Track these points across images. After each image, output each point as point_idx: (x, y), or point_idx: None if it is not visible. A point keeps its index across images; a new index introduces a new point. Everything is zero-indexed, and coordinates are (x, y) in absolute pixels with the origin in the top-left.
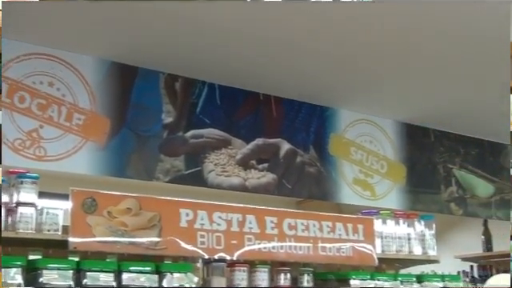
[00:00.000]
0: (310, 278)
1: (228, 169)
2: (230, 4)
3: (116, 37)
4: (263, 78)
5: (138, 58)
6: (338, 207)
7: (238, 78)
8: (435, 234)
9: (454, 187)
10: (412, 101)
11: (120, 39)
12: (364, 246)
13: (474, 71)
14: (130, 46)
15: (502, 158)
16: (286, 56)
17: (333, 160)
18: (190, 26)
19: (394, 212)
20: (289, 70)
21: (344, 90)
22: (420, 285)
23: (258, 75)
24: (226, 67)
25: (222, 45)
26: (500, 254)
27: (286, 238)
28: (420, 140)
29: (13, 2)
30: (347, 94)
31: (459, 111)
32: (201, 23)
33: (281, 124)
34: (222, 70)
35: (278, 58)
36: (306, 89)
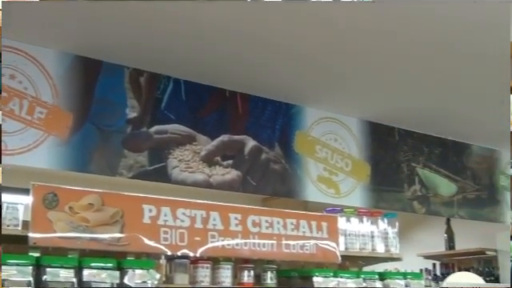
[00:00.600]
0: (274, 275)
1: (192, 165)
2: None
3: (79, 30)
4: (229, 75)
5: (102, 51)
6: (305, 204)
7: (204, 74)
8: (398, 232)
9: (418, 186)
10: (377, 100)
11: (83, 33)
12: (328, 243)
13: (438, 72)
14: (93, 40)
15: (464, 158)
16: (252, 53)
17: (298, 157)
18: (156, 21)
19: (358, 210)
20: (255, 68)
21: (310, 88)
22: (382, 282)
23: (225, 72)
24: (191, 63)
25: (187, 40)
26: (462, 252)
27: (250, 235)
28: (384, 139)
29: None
30: (313, 92)
31: (424, 111)
32: (166, 17)
33: (246, 121)
34: (187, 65)
35: (245, 55)
36: (272, 86)
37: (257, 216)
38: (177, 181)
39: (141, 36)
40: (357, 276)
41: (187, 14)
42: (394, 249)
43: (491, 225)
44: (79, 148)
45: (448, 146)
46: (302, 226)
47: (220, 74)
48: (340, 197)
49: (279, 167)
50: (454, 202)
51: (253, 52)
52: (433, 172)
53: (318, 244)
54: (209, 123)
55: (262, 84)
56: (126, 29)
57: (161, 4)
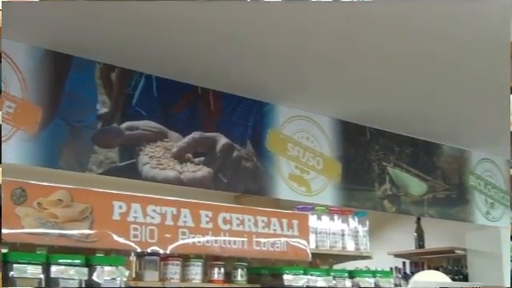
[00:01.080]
0: (244, 272)
1: (163, 162)
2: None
3: (50, 25)
4: (202, 72)
5: (73, 46)
6: (277, 202)
7: (177, 70)
8: (369, 230)
9: (388, 185)
10: (349, 99)
11: (54, 27)
12: (298, 241)
13: (410, 72)
14: (64, 35)
15: (435, 158)
16: (226, 51)
17: (269, 155)
18: (128, 16)
19: (329, 208)
20: (228, 65)
21: (282, 87)
22: (352, 280)
23: (197, 69)
24: (164, 59)
25: (160, 36)
26: (432, 251)
27: (221, 232)
28: (356, 138)
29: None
30: (285, 91)
31: (395, 110)
32: (138, 13)
33: (218, 118)
34: (159, 62)
35: (218, 53)
36: (245, 84)
37: (228, 213)
38: (147, 177)
39: (112, 31)
40: (327, 274)
41: (160, 10)
42: (364, 247)
43: (460, 224)
44: (48, 143)
45: (419, 146)
46: (272, 224)
47: (192, 71)
48: (311, 195)
49: (251, 165)
50: (424, 201)
51: (226, 50)
52: (403, 171)
53: (289, 242)
54: (180, 120)
55: (235, 82)
56: (97, 24)
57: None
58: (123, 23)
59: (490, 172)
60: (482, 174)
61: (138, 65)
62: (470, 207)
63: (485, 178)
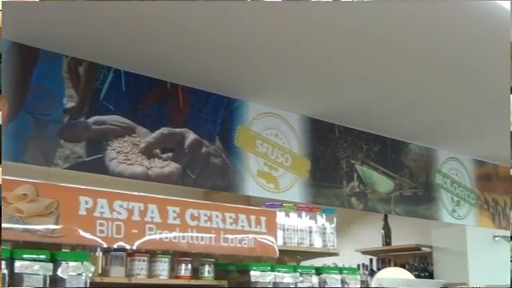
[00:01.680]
0: (211, 268)
1: (131, 157)
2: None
3: (16, 17)
4: (171, 67)
5: (40, 39)
6: (247, 199)
7: (145, 65)
8: (337, 227)
9: (356, 182)
10: (318, 96)
11: (20, 19)
12: (266, 237)
13: (379, 71)
14: (31, 27)
15: (402, 156)
16: (195, 46)
17: (238, 152)
18: (96, 9)
19: (297, 205)
20: (197, 61)
21: (252, 83)
22: (319, 277)
23: (166, 64)
24: (133, 54)
25: (129, 31)
26: (398, 248)
27: (188, 228)
28: (325, 135)
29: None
30: (255, 87)
31: (364, 109)
32: (107, 7)
33: (187, 114)
34: (128, 56)
35: (187, 48)
36: (214, 80)
37: (195, 210)
38: (114, 172)
39: (80, 24)
40: (294, 270)
41: (128, 4)
42: (331, 244)
43: (427, 222)
44: (13, 137)
45: (387, 144)
46: (240, 220)
47: (161, 66)
48: (279, 192)
49: (219, 161)
50: (391, 199)
51: (195, 45)
52: (371, 169)
53: (257, 238)
54: (149, 115)
55: (204, 77)
56: (65, 16)
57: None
58: (91, 17)
59: (457, 170)
60: (449, 172)
61: (107, 59)
62: (437, 205)
63: (451, 176)
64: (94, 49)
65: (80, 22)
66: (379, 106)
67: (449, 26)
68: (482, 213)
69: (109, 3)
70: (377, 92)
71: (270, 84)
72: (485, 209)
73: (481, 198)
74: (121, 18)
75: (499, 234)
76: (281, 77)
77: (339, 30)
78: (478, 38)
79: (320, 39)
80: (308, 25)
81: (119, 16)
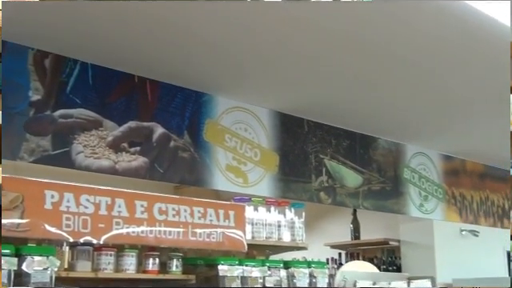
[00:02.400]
0: (179, 263)
1: (98, 151)
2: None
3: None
4: (139, 61)
5: (5, 31)
6: (217, 193)
7: (113, 58)
8: (306, 222)
9: (325, 177)
10: (287, 91)
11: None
12: (234, 232)
13: (346, 66)
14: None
15: (371, 151)
16: (163, 40)
17: (207, 146)
18: (62, 1)
19: (266, 199)
20: (166, 54)
21: (221, 78)
22: (287, 271)
23: (134, 57)
24: (100, 47)
25: (96, 23)
26: (367, 242)
27: (156, 222)
28: (294, 130)
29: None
30: (224, 81)
31: (333, 103)
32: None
33: (155, 108)
34: (95, 49)
35: (156, 41)
36: (183, 74)
37: (163, 204)
38: (81, 166)
39: (46, 17)
40: (262, 264)
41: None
42: (300, 238)
43: (395, 216)
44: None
45: (355, 139)
46: (209, 215)
47: (129, 60)
48: (248, 186)
49: (188, 155)
50: (360, 194)
51: (164, 38)
52: (340, 164)
53: (225, 232)
54: (116, 109)
55: (173, 71)
56: (31, 9)
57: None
58: (57, 9)
59: (424, 165)
60: (417, 167)
61: (73, 52)
62: (404, 200)
63: (419, 171)
64: (60, 41)
65: (45, 14)
66: (348, 101)
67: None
68: (450, 207)
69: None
70: (346, 87)
71: (239, 78)
72: (452, 203)
73: (448, 193)
74: (87, 10)
75: (466, 228)
76: (250, 71)
77: (310, 26)
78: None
79: (290, 35)
80: (278, 21)
81: (85, 8)
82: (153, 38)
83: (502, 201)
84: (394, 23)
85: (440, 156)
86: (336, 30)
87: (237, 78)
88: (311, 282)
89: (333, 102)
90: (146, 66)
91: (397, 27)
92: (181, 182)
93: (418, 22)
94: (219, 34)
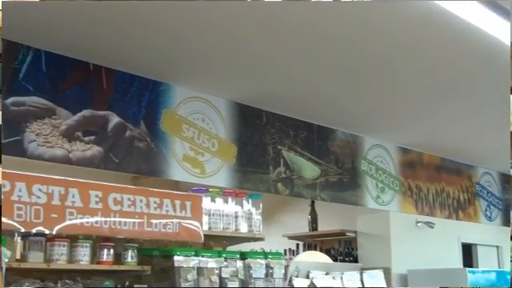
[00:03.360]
0: (134, 253)
1: (51, 139)
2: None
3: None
4: (95, 48)
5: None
6: (175, 184)
7: (67, 45)
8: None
9: (282, 168)
10: (246, 82)
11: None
12: (191, 222)
13: (306, 56)
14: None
15: (329, 142)
16: (120, 27)
17: (164, 136)
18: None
19: (223, 190)
20: (123, 42)
21: (179, 67)
22: (243, 262)
23: (90, 45)
24: (54, 33)
25: (49, 8)
26: (324, 233)
27: (111, 213)
28: (252, 121)
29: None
30: (182, 71)
31: (291, 95)
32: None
33: (111, 96)
34: (49, 36)
35: (112, 29)
36: (140, 62)
37: (119, 194)
38: (33, 155)
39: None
40: (218, 255)
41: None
42: (257, 229)
43: (352, 207)
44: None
45: (313, 131)
46: (165, 205)
47: (84, 47)
48: (205, 176)
49: (144, 145)
50: (317, 185)
51: (121, 26)
52: (298, 155)
53: (182, 223)
54: (70, 97)
55: (130, 60)
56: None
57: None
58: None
59: (381, 158)
60: (374, 159)
61: (26, 38)
62: (362, 191)
63: (376, 163)
64: (12, 27)
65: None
66: (307, 93)
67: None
68: (406, 199)
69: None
70: (305, 79)
71: (197, 68)
72: (408, 195)
73: (404, 185)
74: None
75: (422, 219)
76: (208, 62)
77: (266, 18)
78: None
79: (248, 27)
80: (234, 12)
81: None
82: (109, 25)
83: (457, 193)
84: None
85: (397, 148)
86: (293, 23)
87: (195, 68)
88: (268, 272)
89: (291, 94)
90: (102, 54)
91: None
92: (136, 172)
93: (379, 14)
94: (177, 24)
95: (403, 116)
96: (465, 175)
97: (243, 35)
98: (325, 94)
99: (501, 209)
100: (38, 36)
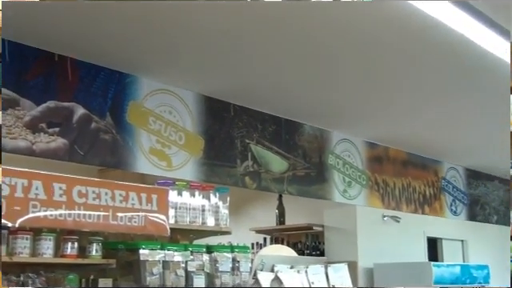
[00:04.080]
0: (99, 247)
1: (14, 131)
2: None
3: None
4: (59, 38)
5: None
6: (142, 177)
7: (31, 35)
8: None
9: (250, 162)
10: (214, 74)
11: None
12: (157, 216)
13: (274, 50)
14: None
15: (297, 136)
16: (86, 17)
17: (130, 128)
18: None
19: (190, 183)
20: (89, 33)
21: (146, 58)
22: (210, 255)
23: (54, 34)
24: (17, 23)
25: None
26: (291, 227)
27: (76, 205)
28: (220, 114)
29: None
30: (149, 63)
31: (259, 88)
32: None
33: (76, 88)
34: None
35: (77, 19)
36: (106, 53)
37: (83, 186)
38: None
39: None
40: (184, 249)
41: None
42: (224, 223)
43: (319, 202)
44: None
45: (281, 124)
46: (131, 198)
47: (49, 37)
48: (172, 170)
49: (110, 137)
50: (285, 179)
51: (87, 16)
52: (265, 149)
53: (148, 216)
54: (34, 87)
55: (96, 50)
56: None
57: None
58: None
59: (349, 152)
60: (341, 153)
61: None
62: (329, 185)
63: (343, 157)
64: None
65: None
66: (275, 87)
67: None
68: (372, 193)
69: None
70: (273, 72)
71: (164, 60)
72: (375, 190)
73: (371, 179)
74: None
75: (388, 214)
76: (176, 54)
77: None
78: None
79: (216, 20)
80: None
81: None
82: (75, 15)
83: (423, 188)
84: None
85: (364, 143)
86: (261, 15)
87: (162, 60)
88: (234, 266)
89: (259, 87)
90: (67, 45)
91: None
92: (102, 165)
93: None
94: (145, 14)
95: (370, 111)
96: (431, 170)
97: (211, 27)
98: (293, 87)
99: (466, 203)
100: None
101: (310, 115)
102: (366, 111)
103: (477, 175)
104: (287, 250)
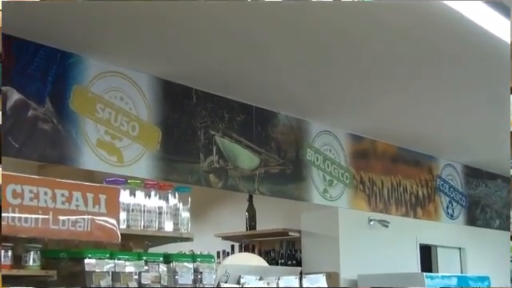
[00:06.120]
0: (38, 256)
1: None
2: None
3: None
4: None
5: None
6: (89, 174)
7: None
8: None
9: (215, 157)
10: (172, 54)
11: None
12: (106, 219)
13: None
14: None
15: (269, 128)
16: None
17: (74, 117)
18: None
19: (145, 182)
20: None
21: (92, 35)
22: (168, 265)
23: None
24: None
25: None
26: (264, 233)
27: (9, 207)
28: (180, 100)
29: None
30: (96, 40)
31: (226, 71)
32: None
33: (10, 69)
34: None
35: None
36: (45, 29)
37: (18, 185)
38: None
39: None
40: (138, 258)
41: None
42: (185, 228)
43: (296, 203)
44: None
45: (252, 114)
46: (75, 199)
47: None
48: (123, 166)
49: (50, 127)
50: (256, 177)
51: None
52: (233, 142)
53: (95, 220)
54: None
55: (33, 26)
56: None
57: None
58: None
59: (330, 146)
60: (321, 147)
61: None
62: (307, 184)
63: (324, 152)
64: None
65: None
66: (244, 70)
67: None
68: (357, 194)
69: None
70: (242, 53)
71: (114, 38)
72: (360, 189)
73: (356, 178)
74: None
75: (375, 217)
76: (128, 29)
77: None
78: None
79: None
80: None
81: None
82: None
83: (415, 187)
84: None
85: (348, 136)
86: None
87: (112, 37)
88: (196, 278)
89: (226, 70)
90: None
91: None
92: (41, 160)
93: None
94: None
95: (355, 99)
96: (424, 167)
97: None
98: (265, 71)
99: (464, 206)
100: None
101: (286, 103)
102: (350, 99)
103: (477, 173)
104: (256, 259)
